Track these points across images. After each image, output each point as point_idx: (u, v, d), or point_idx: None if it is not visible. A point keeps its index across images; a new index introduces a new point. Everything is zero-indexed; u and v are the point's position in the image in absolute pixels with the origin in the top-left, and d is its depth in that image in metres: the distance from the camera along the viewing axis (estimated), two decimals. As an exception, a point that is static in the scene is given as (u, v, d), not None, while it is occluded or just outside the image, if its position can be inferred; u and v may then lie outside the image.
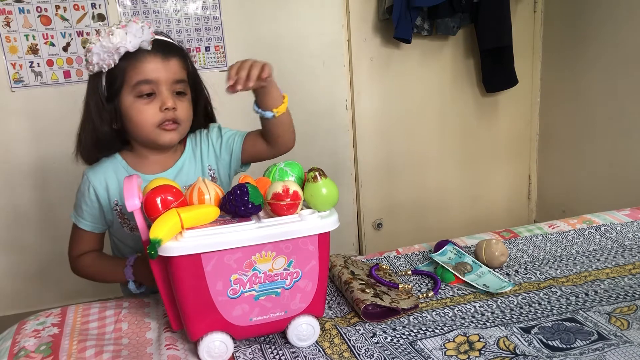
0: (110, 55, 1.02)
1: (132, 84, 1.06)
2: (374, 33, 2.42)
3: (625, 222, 1.40)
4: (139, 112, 1.08)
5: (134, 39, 1.02)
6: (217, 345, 0.90)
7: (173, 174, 1.18)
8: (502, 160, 2.77)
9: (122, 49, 1.02)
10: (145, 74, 1.06)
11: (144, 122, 1.08)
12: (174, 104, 1.08)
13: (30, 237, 2.23)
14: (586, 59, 2.40)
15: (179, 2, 2.19)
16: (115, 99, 1.09)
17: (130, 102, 1.08)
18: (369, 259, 1.29)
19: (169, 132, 1.10)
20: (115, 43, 1.01)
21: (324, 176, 0.91)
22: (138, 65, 1.06)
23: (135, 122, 1.09)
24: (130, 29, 1.02)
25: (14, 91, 2.10)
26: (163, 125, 1.09)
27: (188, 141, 1.22)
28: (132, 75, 1.06)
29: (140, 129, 1.09)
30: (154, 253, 0.82)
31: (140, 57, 1.05)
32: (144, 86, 1.06)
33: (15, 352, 0.95)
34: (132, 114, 1.08)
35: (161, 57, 1.07)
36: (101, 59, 1.03)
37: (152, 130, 1.09)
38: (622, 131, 2.27)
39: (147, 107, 1.08)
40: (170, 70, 1.08)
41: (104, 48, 1.02)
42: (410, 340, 0.94)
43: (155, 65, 1.07)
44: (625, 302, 1.03)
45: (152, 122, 1.08)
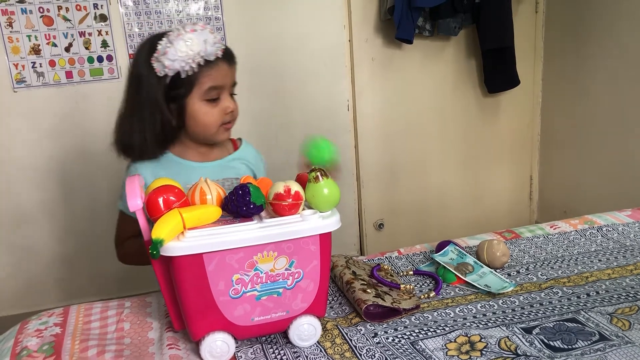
0: (190, 62, 1.08)
1: (203, 89, 1.13)
2: (375, 33, 2.42)
3: (626, 222, 1.40)
4: (206, 115, 1.16)
5: (211, 47, 1.09)
6: (218, 345, 0.90)
7: (224, 164, 1.26)
8: (504, 160, 2.77)
9: (202, 54, 1.08)
10: (217, 80, 1.14)
11: (210, 123, 1.17)
12: (233, 106, 1.19)
13: (33, 237, 2.23)
14: (588, 59, 2.40)
15: (180, 2, 2.19)
16: (180, 99, 1.14)
17: (198, 106, 1.15)
18: (370, 259, 1.29)
19: (228, 130, 1.22)
20: (195, 51, 1.07)
21: (326, 176, 0.91)
22: (211, 72, 1.13)
23: (201, 123, 1.17)
24: (205, 37, 1.08)
25: (16, 91, 2.11)
26: (224, 125, 1.19)
27: (243, 145, 1.32)
28: (204, 81, 1.13)
29: (206, 129, 1.18)
30: (156, 253, 0.82)
31: (213, 64, 1.12)
32: (214, 92, 1.15)
33: (17, 351, 0.95)
34: (199, 116, 1.16)
35: (228, 64, 1.16)
36: (181, 65, 1.08)
37: (215, 129, 1.18)
38: (623, 132, 2.26)
39: (213, 111, 1.16)
40: (233, 74, 1.19)
41: (182, 54, 1.06)
42: (411, 340, 0.95)
43: (224, 72, 1.15)
44: (626, 303, 1.02)
45: (217, 123, 1.17)
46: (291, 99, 2.39)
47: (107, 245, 2.38)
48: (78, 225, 2.27)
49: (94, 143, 2.21)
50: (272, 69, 2.33)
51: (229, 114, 1.18)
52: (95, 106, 2.18)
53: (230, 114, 1.18)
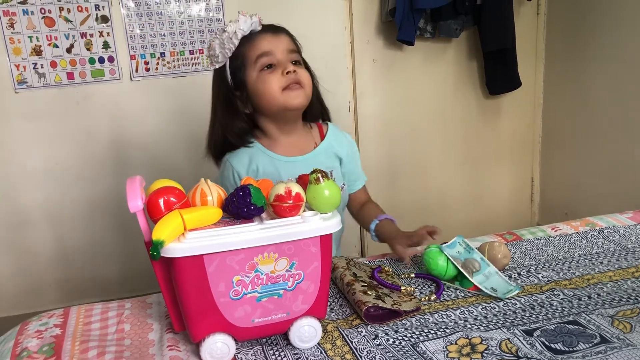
0: (229, 41, 1.16)
1: (253, 61, 1.19)
2: (376, 35, 2.42)
3: (628, 224, 1.40)
4: (265, 82, 1.18)
5: (245, 24, 1.16)
6: (219, 346, 0.90)
7: (311, 158, 1.28)
8: (505, 162, 2.77)
9: (238, 32, 1.16)
10: (262, 47, 1.18)
11: (271, 89, 1.18)
12: (294, 68, 1.19)
13: (33, 238, 2.23)
14: (589, 61, 2.40)
15: (182, 4, 2.19)
16: (242, 83, 1.20)
17: (255, 77, 1.19)
18: (371, 261, 1.29)
19: (296, 92, 1.19)
20: (230, 31, 1.16)
21: (327, 178, 0.91)
22: (254, 43, 1.19)
23: (263, 92, 1.19)
24: (240, 18, 1.16)
25: (18, 92, 2.11)
26: (289, 87, 1.18)
27: (330, 130, 1.34)
28: (251, 53, 1.19)
29: (270, 97, 1.18)
30: (156, 254, 0.82)
31: (254, 36, 1.19)
32: (264, 58, 1.18)
33: (17, 352, 0.95)
34: (259, 87, 1.19)
35: (271, 33, 1.21)
36: (222, 47, 1.17)
37: (279, 95, 1.18)
38: (625, 133, 2.26)
39: (271, 75, 1.18)
40: (281, 41, 1.21)
41: (222, 39, 1.17)
42: (412, 342, 0.94)
43: (268, 40, 1.20)
44: (628, 305, 1.02)
45: (278, 86, 1.17)
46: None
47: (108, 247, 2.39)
48: (78, 226, 2.27)
49: (95, 144, 2.21)
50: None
51: (288, 74, 1.17)
52: (96, 107, 2.18)
53: (289, 74, 1.18)
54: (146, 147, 2.26)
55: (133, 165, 2.25)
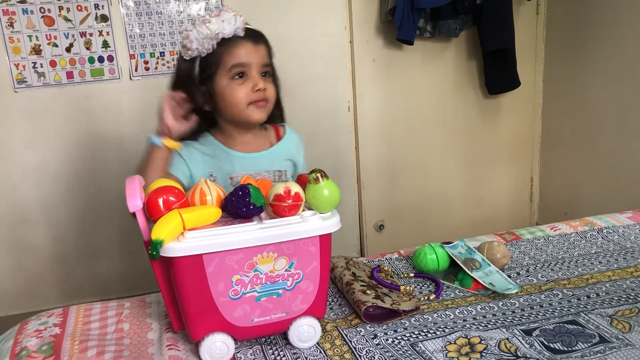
0: (209, 41, 1.12)
1: (227, 68, 1.16)
2: (376, 34, 2.42)
3: (627, 224, 1.40)
4: (234, 92, 1.17)
5: (229, 26, 1.13)
6: (218, 346, 0.90)
7: (266, 156, 1.27)
8: (504, 162, 2.77)
9: (220, 34, 1.12)
10: (239, 57, 1.16)
11: (238, 100, 1.17)
12: (264, 85, 1.18)
13: (32, 237, 2.23)
14: (589, 61, 2.40)
15: (181, 3, 2.19)
16: (209, 82, 1.17)
17: (225, 84, 1.17)
18: (370, 261, 1.29)
19: (260, 109, 1.20)
20: (213, 30, 1.11)
21: (326, 177, 0.91)
22: (233, 50, 1.15)
23: (229, 101, 1.18)
24: (225, 17, 1.12)
25: (17, 91, 2.11)
26: (255, 103, 1.18)
27: (287, 133, 1.34)
28: (227, 60, 1.16)
29: (234, 108, 1.18)
30: (155, 254, 0.82)
31: (234, 42, 1.15)
32: (239, 68, 1.16)
33: (17, 351, 0.95)
34: (226, 94, 1.17)
35: (252, 43, 1.18)
36: (200, 45, 1.12)
37: (244, 108, 1.18)
38: (624, 133, 2.26)
39: (241, 87, 1.17)
40: (259, 54, 1.19)
41: (201, 35, 1.11)
42: (411, 342, 0.94)
43: (247, 50, 1.17)
44: (627, 305, 1.02)
45: (245, 101, 1.17)
46: (292, 99, 2.36)
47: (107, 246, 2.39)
48: (78, 226, 2.27)
49: (95, 143, 2.21)
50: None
51: (258, 92, 1.17)
52: (95, 106, 2.18)
53: (259, 92, 1.17)
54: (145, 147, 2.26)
55: (132, 165, 2.24)
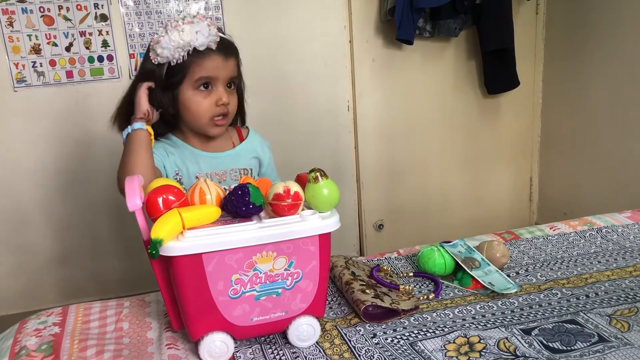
0: (179, 51, 1.11)
1: (194, 79, 1.15)
2: (376, 34, 2.42)
3: (626, 224, 1.40)
4: (197, 105, 1.17)
5: (203, 38, 1.11)
6: (217, 345, 0.90)
7: (232, 155, 1.28)
8: (504, 161, 2.77)
9: (192, 45, 1.11)
10: (208, 71, 1.15)
11: (200, 113, 1.18)
12: (228, 100, 1.18)
13: (32, 236, 2.23)
14: (588, 61, 2.40)
15: (181, 2, 2.19)
16: (173, 88, 1.17)
17: (190, 95, 1.17)
18: (370, 260, 1.29)
19: (220, 125, 1.21)
20: (186, 40, 1.10)
21: (325, 177, 0.91)
22: (202, 63, 1.14)
23: (192, 112, 1.18)
24: (199, 28, 1.10)
25: (17, 91, 2.11)
26: (215, 119, 1.19)
27: (250, 135, 1.33)
28: (195, 71, 1.14)
29: (196, 119, 1.19)
30: (155, 253, 0.82)
31: (205, 55, 1.14)
32: (205, 81, 1.16)
33: (16, 351, 0.95)
34: (190, 105, 1.18)
35: (223, 57, 1.16)
36: (171, 53, 1.11)
37: (205, 121, 1.19)
38: (623, 133, 2.27)
39: (204, 100, 1.17)
40: (228, 69, 1.18)
41: (173, 43, 1.10)
42: (410, 341, 0.95)
43: (217, 64, 1.15)
44: (626, 305, 1.02)
45: (208, 115, 1.18)
46: (291, 99, 2.39)
47: (107, 245, 2.39)
48: (77, 225, 2.27)
49: (94, 143, 2.21)
50: (272, 70, 2.33)
51: (221, 106, 1.17)
52: (95, 106, 2.18)
53: (222, 106, 1.17)
54: (145, 145, 2.26)
55: (132, 164, 2.25)
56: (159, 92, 1.17)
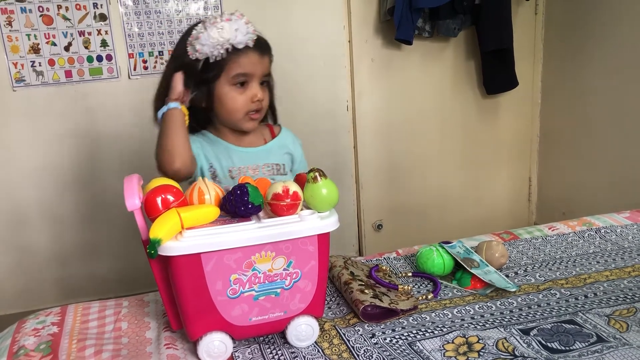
0: (219, 48, 1.13)
1: (231, 75, 1.17)
2: (375, 34, 2.42)
3: (625, 224, 1.40)
4: (233, 100, 1.19)
5: (241, 35, 1.14)
6: (216, 345, 0.90)
7: (264, 150, 1.30)
8: (503, 162, 2.77)
9: (231, 43, 1.13)
10: (245, 68, 1.18)
11: (236, 109, 1.20)
12: (263, 96, 1.21)
13: (30, 236, 2.23)
14: (587, 61, 2.40)
15: (180, 2, 2.19)
16: (209, 83, 1.19)
17: (226, 90, 1.19)
18: (368, 260, 1.29)
19: (254, 119, 1.23)
20: (225, 38, 1.12)
21: (324, 177, 0.91)
22: (240, 60, 1.17)
23: (228, 108, 1.20)
24: (237, 25, 1.13)
25: (16, 90, 2.10)
26: (250, 114, 1.21)
27: (284, 133, 1.36)
28: (232, 67, 1.17)
29: (231, 115, 1.21)
30: (153, 252, 0.82)
31: (242, 52, 1.16)
32: (241, 78, 1.18)
33: (14, 350, 0.95)
34: (226, 101, 1.20)
35: (259, 55, 1.19)
36: (211, 50, 1.13)
37: (240, 116, 1.21)
38: (622, 134, 2.27)
39: (240, 96, 1.19)
40: (263, 66, 1.21)
41: (212, 40, 1.12)
42: (409, 341, 0.95)
43: (253, 61, 1.18)
44: (624, 305, 1.03)
45: (243, 110, 1.20)
46: (291, 99, 2.39)
47: (105, 245, 2.39)
48: (76, 225, 2.26)
49: (93, 142, 2.21)
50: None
51: (256, 102, 1.20)
52: (94, 105, 2.18)
53: (257, 102, 1.20)
54: (144, 145, 2.26)
55: (130, 164, 2.25)
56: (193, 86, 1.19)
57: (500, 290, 1.10)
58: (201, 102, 1.21)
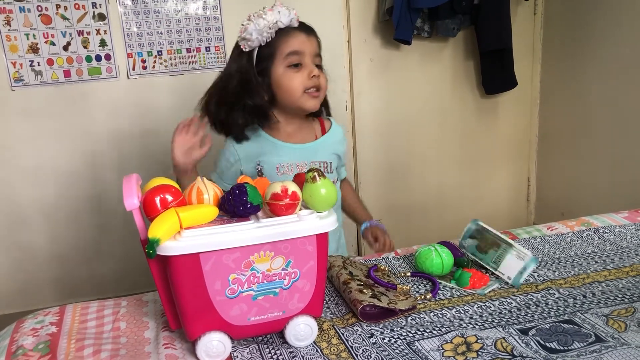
0: (267, 30, 1.21)
1: (283, 56, 1.24)
2: (374, 34, 2.42)
3: (623, 224, 1.40)
4: (290, 80, 1.25)
5: (285, 17, 1.22)
6: (215, 344, 0.90)
7: (311, 147, 1.35)
8: (502, 162, 2.78)
9: (279, 23, 1.21)
10: (294, 45, 1.24)
11: (294, 87, 1.25)
12: (319, 73, 1.26)
13: (29, 236, 2.23)
14: (586, 61, 2.40)
15: (179, 2, 2.19)
16: (266, 72, 1.26)
17: (281, 72, 1.25)
18: (367, 260, 1.29)
19: (314, 98, 1.28)
20: (270, 20, 1.20)
21: (323, 177, 0.91)
22: (288, 39, 1.24)
23: (286, 88, 1.26)
24: (280, 9, 1.22)
25: (14, 90, 2.10)
26: (309, 91, 1.26)
27: (332, 127, 1.40)
28: (283, 48, 1.24)
29: (291, 95, 1.26)
30: (152, 252, 0.82)
31: (289, 32, 1.24)
32: (294, 57, 1.25)
33: (13, 350, 0.95)
34: (283, 82, 1.26)
35: (305, 33, 1.27)
36: (260, 34, 1.21)
37: (300, 95, 1.26)
38: (621, 133, 2.27)
39: (297, 74, 1.25)
40: (312, 44, 1.27)
41: (259, 25, 1.20)
42: (407, 341, 0.95)
43: (302, 39, 1.25)
44: (623, 305, 1.03)
45: (302, 87, 1.25)
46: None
47: (104, 245, 2.38)
48: (74, 224, 2.26)
49: (92, 142, 2.21)
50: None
51: (313, 78, 1.24)
52: (93, 105, 2.18)
53: (314, 78, 1.25)
54: (143, 145, 2.26)
55: (129, 164, 2.25)
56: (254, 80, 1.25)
57: (499, 290, 1.11)
58: (263, 96, 1.26)
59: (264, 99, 1.28)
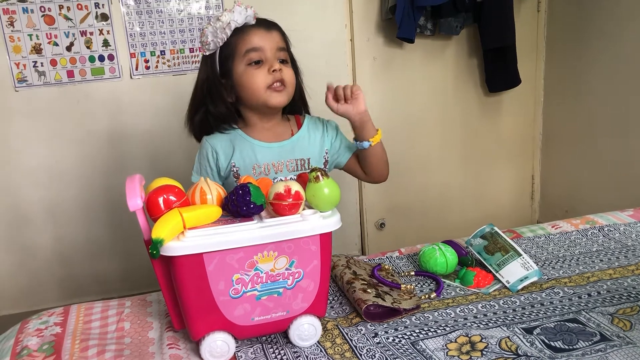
0: (222, 31, 1.20)
1: (242, 54, 1.22)
2: (377, 33, 2.42)
3: (628, 222, 1.40)
4: (251, 77, 1.22)
5: (240, 16, 1.20)
6: (218, 344, 0.90)
7: (290, 145, 1.32)
8: (505, 160, 2.77)
9: (232, 24, 1.20)
10: (252, 42, 1.22)
11: (255, 85, 1.22)
12: (280, 67, 1.23)
13: (33, 236, 2.23)
14: (590, 58, 2.39)
15: (182, 2, 2.19)
16: (229, 73, 1.24)
17: (242, 70, 1.23)
18: (371, 259, 1.29)
19: (278, 93, 1.24)
20: (224, 21, 1.19)
21: (326, 176, 0.91)
22: (245, 37, 1.22)
23: (248, 86, 1.23)
24: (235, 9, 1.20)
25: (18, 91, 2.11)
26: (273, 86, 1.23)
27: (306, 120, 1.38)
28: (241, 46, 1.22)
29: (253, 93, 1.23)
30: (156, 253, 0.82)
31: (246, 30, 1.22)
32: (253, 54, 1.22)
33: (17, 351, 0.95)
34: (244, 80, 1.23)
35: (264, 29, 1.24)
36: (215, 36, 1.20)
37: (263, 92, 1.23)
38: (625, 131, 2.26)
39: (257, 71, 1.22)
40: (273, 39, 1.24)
41: (215, 27, 1.20)
42: (412, 340, 0.94)
43: (260, 35, 1.23)
44: (628, 303, 1.02)
45: (263, 84, 1.22)
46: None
47: (108, 245, 2.39)
48: (78, 225, 2.27)
49: (95, 142, 2.21)
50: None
51: (273, 73, 1.21)
52: (96, 105, 2.18)
53: (274, 73, 1.22)
54: (146, 145, 2.26)
55: (133, 164, 2.25)
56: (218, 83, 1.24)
57: (503, 289, 1.10)
58: (228, 97, 1.26)
59: (227, 103, 1.26)
